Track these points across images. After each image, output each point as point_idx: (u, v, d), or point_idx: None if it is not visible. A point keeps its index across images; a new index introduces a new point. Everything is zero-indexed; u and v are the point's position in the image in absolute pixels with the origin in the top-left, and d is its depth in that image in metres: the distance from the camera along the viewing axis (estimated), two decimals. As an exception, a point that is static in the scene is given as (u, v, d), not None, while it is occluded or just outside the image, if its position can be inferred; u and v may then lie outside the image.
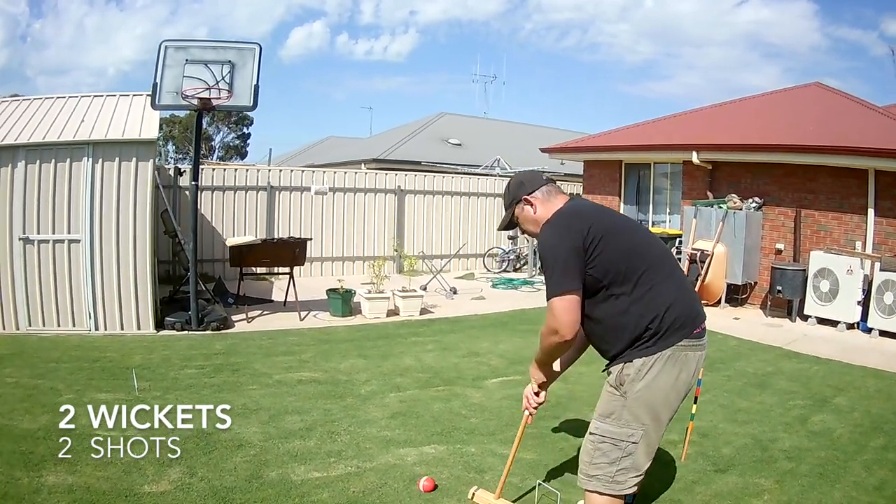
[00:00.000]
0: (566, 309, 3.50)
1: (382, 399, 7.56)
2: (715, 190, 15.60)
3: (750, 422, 7.08)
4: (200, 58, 10.51)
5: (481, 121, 36.29)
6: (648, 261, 3.66)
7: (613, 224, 3.75)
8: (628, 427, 3.60)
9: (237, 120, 56.46)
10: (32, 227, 10.11)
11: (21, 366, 8.42)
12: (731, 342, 11.02)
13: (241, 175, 17.31)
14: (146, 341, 10.02)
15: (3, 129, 10.57)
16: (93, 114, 11.59)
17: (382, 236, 18.71)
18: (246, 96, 10.66)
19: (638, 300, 3.58)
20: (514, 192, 4.02)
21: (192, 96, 10.33)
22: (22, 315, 10.21)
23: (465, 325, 11.76)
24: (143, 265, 10.53)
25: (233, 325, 11.35)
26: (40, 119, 11.17)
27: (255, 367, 8.72)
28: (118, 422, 5.95)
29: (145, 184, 10.50)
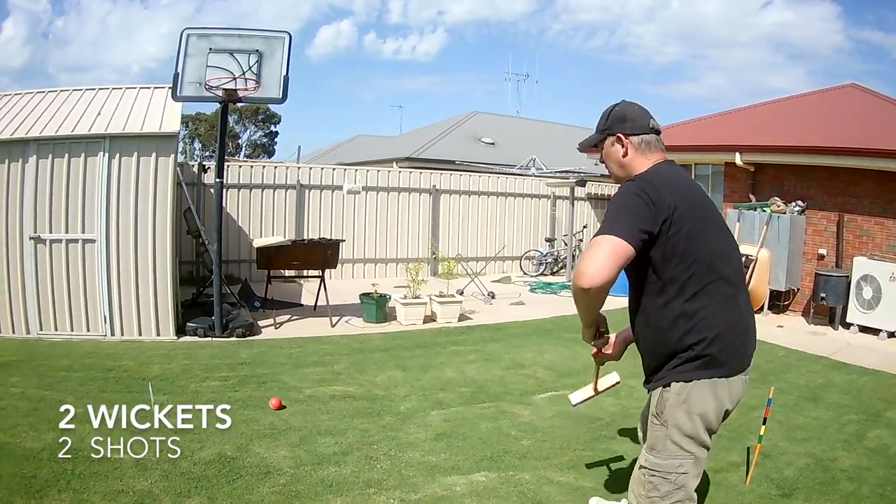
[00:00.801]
0: (600, 248, 3.08)
1: (424, 417, 7.03)
2: (757, 193, 15.32)
3: (808, 439, 6.77)
4: (225, 47, 9.96)
5: (514, 120, 35.71)
6: (723, 273, 3.34)
7: (705, 213, 3.41)
8: (675, 458, 3.34)
9: (264, 118, 56.75)
10: (44, 225, 9.70)
11: (29, 374, 7.95)
12: (779, 352, 10.64)
13: (269, 172, 16.91)
14: (165, 349, 9.51)
15: (14, 122, 10.14)
16: (110, 107, 11.07)
17: (416, 238, 18.35)
18: (275, 88, 10.07)
19: (692, 311, 3.27)
20: (612, 124, 3.59)
21: (216, 87, 9.76)
22: (33, 318, 9.78)
23: (507, 333, 11.25)
24: (164, 267, 10.07)
25: (259, 332, 10.82)
26: (54, 112, 10.67)
27: (284, 380, 8.18)
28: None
29: (166, 180, 10.06)
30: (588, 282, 3.06)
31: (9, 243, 9.65)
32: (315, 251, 12.30)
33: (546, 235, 20.01)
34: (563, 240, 19.84)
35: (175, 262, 10.59)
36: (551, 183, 20.03)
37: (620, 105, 3.67)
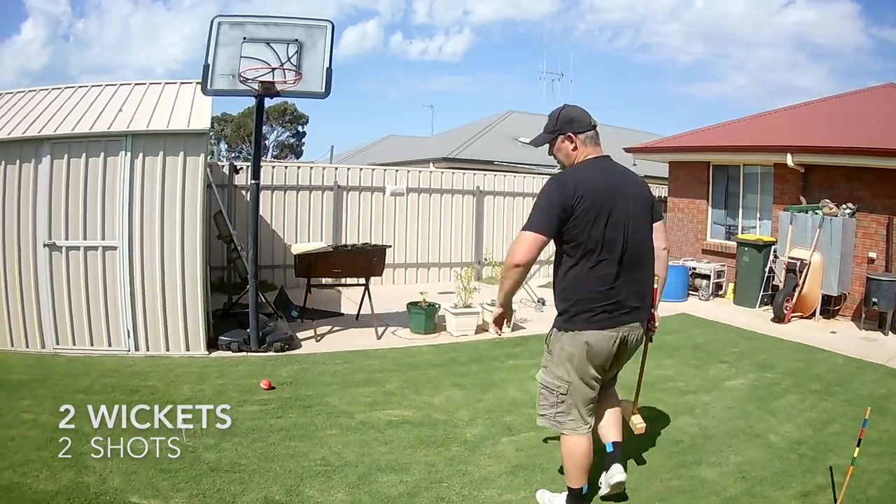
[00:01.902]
0: (522, 240, 4.34)
1: (494, 446, 6.34)
2: (807, 194, 14.89)
3: (883, 454, 6.35)
4: (261, 36, 9.29)
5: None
6: (604, 256, 4.47)
7: (605, 206, 4.45)
8: (555, 380, 4.72)
9: (291, 119, 56.80)
10: (59, 231, 9.10)
11: (43, 397, 7.28)
12: (838, 360, 10.14)
13: (304, 173, 16.25)
14: (196, 366, 8.85)
15: (27, 120, 9.57)
16: (133, 103, 10.37)
17: (460, 241, 17.75)
18: (317, 81, 9.35)
19: (572, 279, 4.56)
20: (562, 125, 4.69)
21: (252, 80, 9.07)
22: (48, 332, 9.18)
23: None
24: (193, 275, 9.37)
25: (299, 346, 10.11)
26: (70, 109, 9.99)
27: (332, 403, 7.49)
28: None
29: (195, 182, 9.36)
30: (519, 260, 4.35)
31: (21, 251, 9.07)
32: (359, 258, 11.52)
33: None
34: None
35: (206, 269, 9.90)
36: None
37: (566, 108, 4.80)
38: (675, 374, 8.75)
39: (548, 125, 4.78)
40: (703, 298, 15.36)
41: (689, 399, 7.66)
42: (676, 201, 18.19)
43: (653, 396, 7.53)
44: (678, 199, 18.11)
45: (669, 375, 8.68)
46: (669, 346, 10.36)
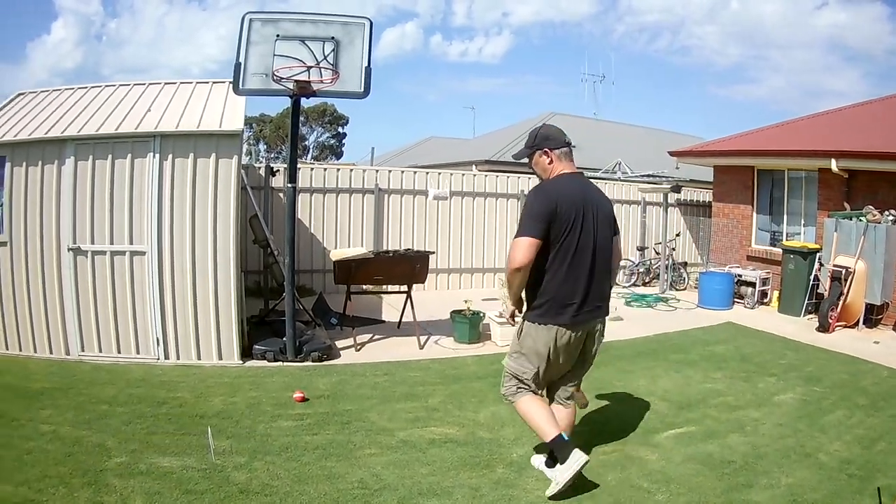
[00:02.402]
0: (523, 245, 4.98)
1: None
2: (851, 201, 14.61)
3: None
4: (296, 33, 8.94)
5: (592, 122, 34.56)
6: (575, 261, 5.16)
7: (580, 216, 5.13)
8: (522, 367, 5.43)
9: (331, 119, 56.87)
10: (85, 235, 8.87)
11: (64, 407, 7.03)
12: (883, 372, 9.76)
13: (343, 176, 15.91)
14: (229, 376, 8.53)
15: (49, 120, 9.35)
16: (162, 103, 10.12)
17: (504, 246, 16.86)
18: (355, 80, 9.00)
19: (547, 280, 5.18)
20: (540, 142, 5.38)
21: (286, 79, 8.73)
22: (73, 338, 8.96)
23: (613, 355, 10.04)
24: (227, 282, 9.08)
25: (338, 355, 9.77)
26: (96, 109, 9.75)
27: (371, 419, 7.13)
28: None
29: (228, 184, 9.06)
30: (518, 263, 4.95)
31: (44, 255, 8.85)
32: (401, 265, 11.12)
33: (637, 244, 19.07)
34: (654, 248, 18.95)
35: (240, 275, 9.61)
36: (644, 188, 19.09)
37: (543, 127, 5.51)
38: (724, 388, 8.49)
39: (527, 141, 5.51)
40: (749, 306, 15.03)
41: (739, 415, 7.42)
42: (721, 206, 17.91)
43: (704, 412, 7.44)
44: (722, 205, 17.89)
45: (720, 389, 8.44)
46: (718, 357, 10.15)
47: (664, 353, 10.53)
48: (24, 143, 8.77)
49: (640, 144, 28.88)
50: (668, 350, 10.72)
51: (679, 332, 12.09)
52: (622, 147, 27.00)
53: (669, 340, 11.42)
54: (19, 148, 8.78)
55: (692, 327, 12.38)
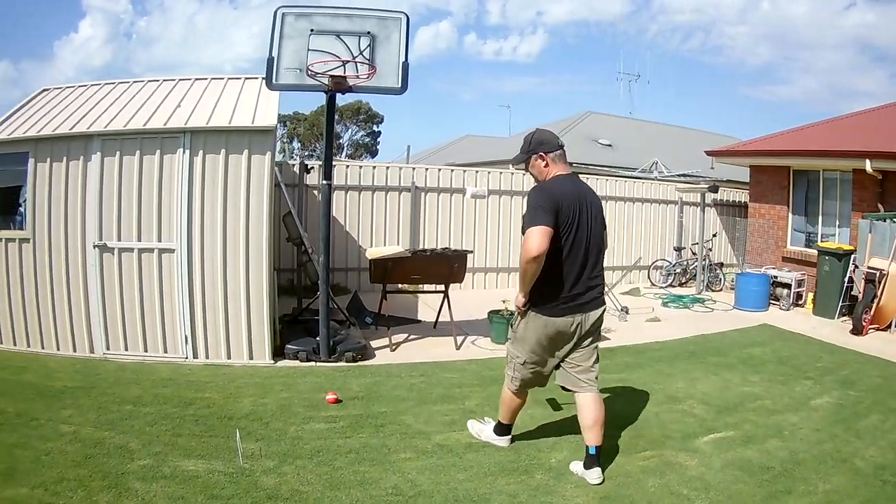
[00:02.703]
0: (538, 234, 5.16)
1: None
2: (885, 202, 14.53)
3: None
4: (330, 28, 8.72)
5: (629, 121, 34.65)
6: (573, 257, 5.49)
7: (577, 214, 5.46)
8: (516, 352, 5.84)
9: (365, 118, 56.76)
10: (111, 232, 8.75)
11: (86, 407, 6.86)
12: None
13: (380, 173, 15.75)
14: (259, 376, 8.31)
15: (75, 115, 9.25)
16: (192, 98, 9.97)
17: None
18: (392, 76, 8.78)
19: (553, 274, 5.43)
20: (536, 146, 5.70)
21: (322, 73, 8.50)
22: (97, 336, 8.84)
23: (651, 357, 10.09)
24: (259, 280, 8.88)
25: (373, 355, 9.55)
26: (124, 104, 9.63)
27: (407, 422, 6.91)
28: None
29: (262, 181, 8.85)
30: (536, 251, 5.13)
31: (69, 251, 8.73)
32: (439, 264, 10.93)
33: (674, 244, 18.85)
34: (691, 248, 18.64)
35: (272, 274, 9.44)
36: (681, 188, 18.88)
37: (537, 132, 5.82)
38: (762, 392, 8.31)
39: (523, 147, 5.79)
40: (784, 308, 14.82)
41: (777, 419, 7.28)
42: (757, 207, 17.75)
43: (742, 417, 7.29)
44: (759, 205, 17.74)
45: (757, 393, 8.27)
46: (755, 359, 9.99)
47: (702, 355, 10.37)
48: (48, 139, 8.67)
49: (675, 144, 28.95)
50: (706, 352, 10.56)
51: (716, 333, 11.95)
52: (657, 146, 27.00)
53: (707, 342, 11.27)
54: (43, 143, 8.67)
55: (729, 329, 12.22)
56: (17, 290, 8.80)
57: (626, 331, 11.88)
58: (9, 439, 5.89)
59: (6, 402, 6.86)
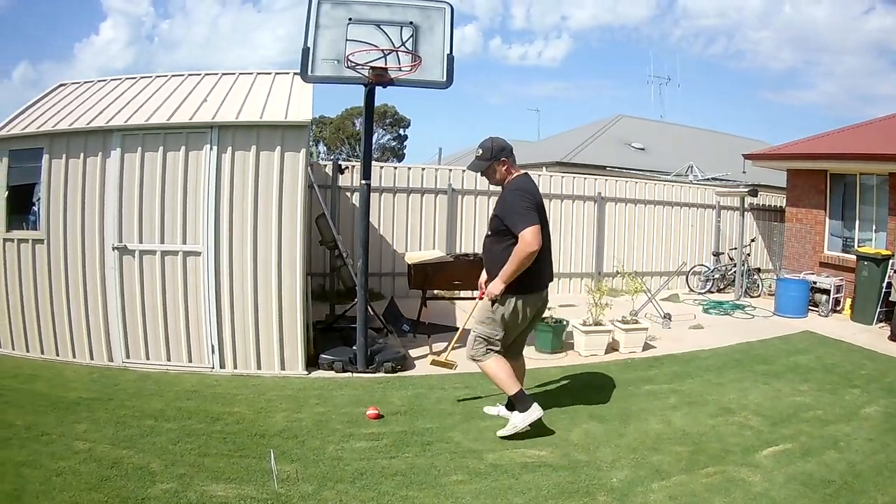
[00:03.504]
0: (534, 232, 6.04)
1: (645, 495, 5.44)
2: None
3: None
4: (370, 17, 8.26)
5: (661, 124, 34.47)
6: (547, 244, 6.39)
7: (542, 209, 6.43)
8: (493, 331, 6.42)
9: (392, 121, 56.88)
10: (132, 233, 8.38)
11: (103, 421, 6.45)
12: None
13: (415, 175, 15.28)
14: (292, 388, 7.84)
15: (94, 110, 8.89)
16: (219, 93, 9.54)
17: (580, 250, 16.69)
18: (436, 69, 8.31)
19: (534, 262, 6.22)
20: (498, 153, 6.50)
21: (361, 65, 8.01)
22: (116, 343, 8.47)
23: (699, 366, 9.79)
24: (292, 286, 8.42)
25: (413, 366, 9.00)
26: (146, 99, 9.23)
27: (455, 439, 6.43)
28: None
29: (295, 180, 8.39)
30: (536, 247, 6.03)
31: (86, 253, 8.35)
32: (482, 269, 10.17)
33: (713, 249, 18.48)
34: (728, 254, 18.28)
35: (306, 279, 8.94)
36: (720, 192, 18.53)
37: (496, 140, 6.64)
38: (813, 402, 8.09)
39: (484, 154, 6.50)
40: (823, 314, 14.47)
41: (831, 430, 7.09)
42: (794, 211, 17.42)
43: (797, 428, 7.05)
44: (796, 209, 17.39)
45: (809, 403, 8.03)
46: (802, 368, 9.73)
47: (750, 363, 10.06)
48: (63, 134, 8.33)
49: (706, 147, 28.94)
50: (753, 360, 10.24)
51: (760, 341, 11.65)
52: (689, 150, 27.01)
53: (752, 350, 10.96)
54: (58, 138, 8.31)
55: (771, 336, 11.89)
56: (30, 294, 8.46)
57: (671, 339, 11.55)
58: (17, 456, 5.44)
59: (15, 415, 6.43)
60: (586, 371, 9.24)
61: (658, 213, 17.63)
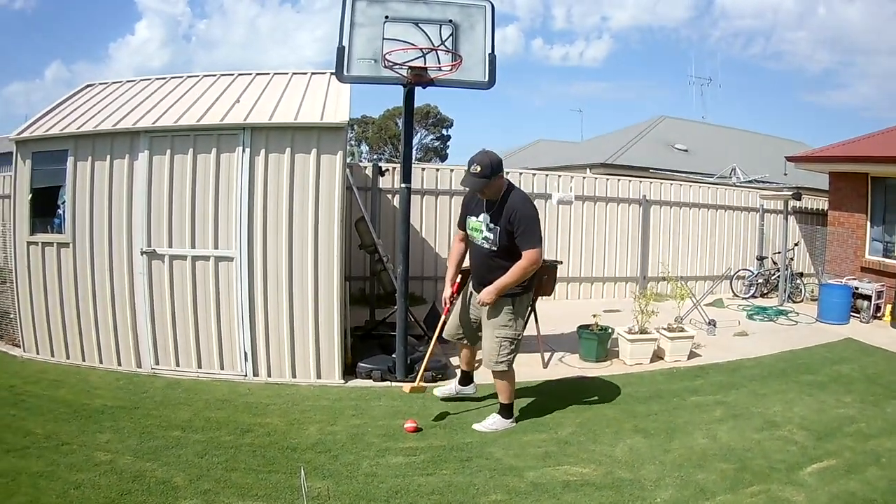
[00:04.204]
0: (539, 252, 6.43)
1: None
2: None
3: None
4: (407, 15, 7.97)
5: (703, 126, 34.01)
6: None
7: None
8: (517, 331, 6.74)
9: (434, 122, 56.73)
10: (161, 237, 8.19)
11: (127, 430, 6.26)
12: None
13: (458, 176, 14.29)
14: (328, 398, 7.55)
15: (121, 111, 8.72)
16: (252, 94, 9.28)
17: (625, 253, 16.20)
18: (478, 69, 7.99)
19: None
20: (497, 168, 6.49)
21: (400, 64, 7.73)
22: (145, 350, 8.31)
23: (744, 376, 9.42)
24: (329, 291, 8.13)
25: (454, 375, 8.36)
26: (175, 100, 9.01)
27: (496, 455, 6.09)
28: None
29: (332, 183, 8.09)
30: (538, 264, 6.45)
31: (113, 257, 8.20)
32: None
33: (756, 253, 17.95)
34: (772, 258, 17.74)
35: (343, 284, 8.62)
36: (765, 195, 18.07)
37: (489, 153, 6.61)
38: (856, 414, 7.76)
39: (483, 171, 6.39)
40: (864, 321, 14.03)
41: (873, 445, 6.78)
42: (836, 215, 16.85)
43: (841, 443, 6.74)
44: (838, 213, 16.86)
45: (852, 416, 7.68)
46: (845, 378, 9.35)
47: (794, 373, 9.73)
48: (88, 136, 8.18)
49: (748, 149, 28.44)
50: (797, 370, 9.90)
51: (804, 349, 11.30)
52: (731, 152, 26.68)
53: (796, 359, 10.59)
54: (84, 140, 8.16)
55: (815, 344, 11.49)
56: (55, 298, 8.32)
57: (716, 346, 11.21)
58: (34, 467, 5.23)
59: (35, 423, 6.23)
60: (632, 381, 8.92)
61: (703, 217, 17.22)
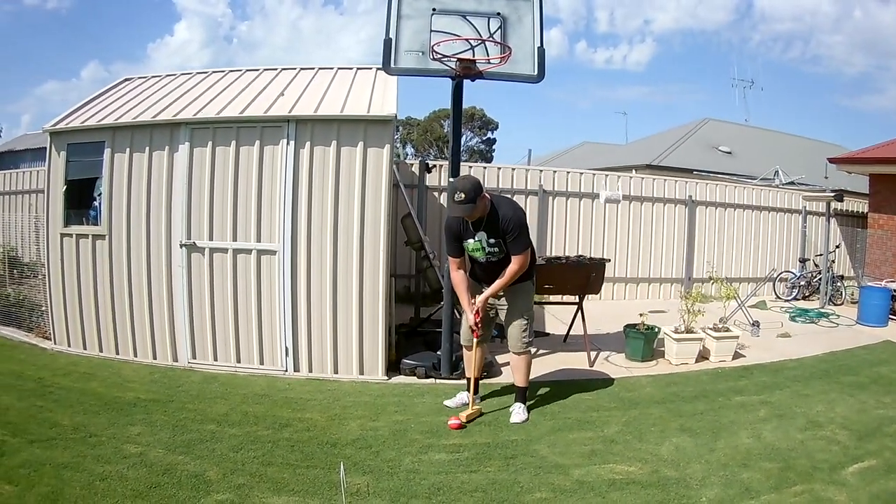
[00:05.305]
0: (527, 255, 6.73)
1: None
2: None
3: None
4: (455, 7, 7.72)
5: (747, 128, 34.10)
6: None
7: None
8: (532, 312, 7.07)
9: (480, 124, 56.37)
10: (201, 230, 8.05)
11: (160, 423, 6.10)
12: None
13: (505, 175, 14.83)
14: (370, 394, 7.37)
15: (161, 103, 8.64)
16: (297, 87, 9.11)
17: (671, 254, 15.93)
18: (527, 62, 7.69)
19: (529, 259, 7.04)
20: (478, 190, 6.54)
21: (448, 56, 7.47)
22: (182, 343, 8.18)
23: (787, 377, 9.25)
24: (374, 287, 7.95)
25: (499, 373, 8.39)
26: (217, 93, 8.90)
27: (541, 453, 5.88)
28: None
29: (379, 177, 7.90)
30: (527, 263, 6.76)
31: (150, 250, 8.10)
32: (576, 273, 9.81)
33: (799, 255, 17.64)
34: (813, 260, 17.47)
35: (389, 280, 8.40)
36: (807, 196, 17.74)
37: (468, 178, 6.76)
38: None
39: (468, 197, 6.40)
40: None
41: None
42: (876, 217, 16.69)
43: (881, 443, 6.56)
44: (878, 215, 16.65)
45: (892, 416, 7.50)
46: (885, 379, 9.16)
47: (836, 374, 9.58)
48: (127, 127, 8.10)
49: (789, 151, 28.22)
50: (839, 371, 9.75)
51: (844, 351, 11.11)
52: (774, 154, 26.52)
53: (838, 360, 10.43)
54: (122, 132, 8.06)
55: (855, 346, 11.31)
56: (88, 290, 8.23)
57: (759, 347, 11.05)
58: (59, 458, 5.08)
59: (62, 414, 6.09)
60: (677, 381, 8.76)
61: (746, 218, 16.97)
